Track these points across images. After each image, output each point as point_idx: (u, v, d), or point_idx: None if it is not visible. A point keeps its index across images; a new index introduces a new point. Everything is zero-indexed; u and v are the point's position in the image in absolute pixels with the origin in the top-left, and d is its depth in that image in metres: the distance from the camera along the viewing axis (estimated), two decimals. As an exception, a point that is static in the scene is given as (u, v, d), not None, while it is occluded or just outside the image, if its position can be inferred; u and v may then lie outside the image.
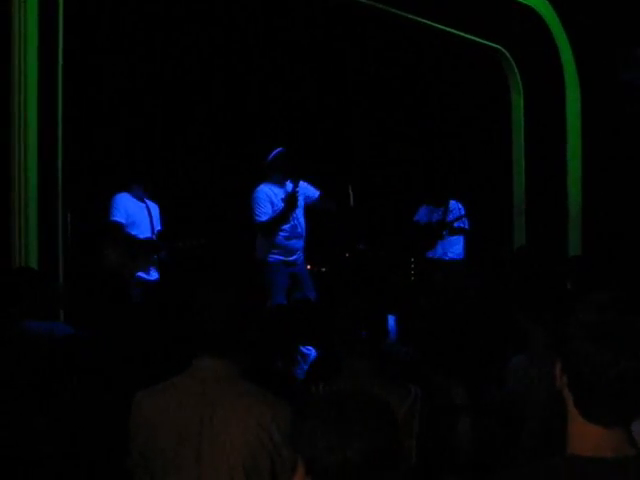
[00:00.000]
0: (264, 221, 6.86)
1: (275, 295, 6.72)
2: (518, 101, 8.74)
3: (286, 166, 6.86)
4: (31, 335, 4.00)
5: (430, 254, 8.04)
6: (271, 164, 6.90)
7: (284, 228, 6.91)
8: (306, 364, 4.98)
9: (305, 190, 7.00)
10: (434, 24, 7.80)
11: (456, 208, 8.10)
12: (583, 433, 1.72)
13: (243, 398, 2.62)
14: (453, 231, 8.03)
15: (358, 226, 7.82)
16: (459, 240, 8.12)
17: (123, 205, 6.54)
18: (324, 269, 8.06)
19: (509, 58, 8.58)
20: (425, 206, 8.24)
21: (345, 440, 1.75)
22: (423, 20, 7.70)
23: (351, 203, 7.16)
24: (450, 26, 7.94)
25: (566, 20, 8.54)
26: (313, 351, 5.27)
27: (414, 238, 8.11)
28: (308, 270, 7.28)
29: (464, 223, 8.10)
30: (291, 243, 6.96)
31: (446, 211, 8.06)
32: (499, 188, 8.81)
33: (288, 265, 6.93)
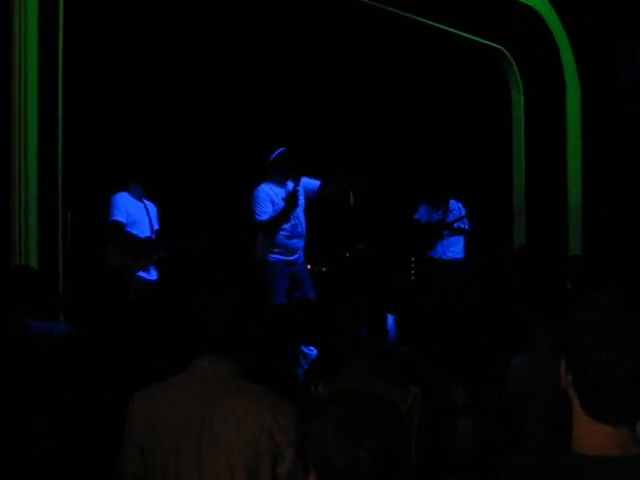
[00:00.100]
0: (264, 220, 6.86)
1: (275, 295, 6.72)
2: (518, 101, 8.74)
3: (288, 166, 6.86)
4: (32, 335, 4.00)
5: (430, 254, 8.04)
6: (273, 164, 6.90)
7: (285, 227, 6.91)
8: (308, 364, 4.97)
9: (305, 184, 6.99)
10: (434, 24, 7.80)
11: (456, 208, 8.10)
12: (588, 432, 1.72)
13: (243, 398, 2.62)
14: (453, 231, 8.03)
15: (358, 226, 7.82)
16: (459, 240, 8.12)
17: (123, 204, 6.52)
18: (324, 269, 8.07)
19: (509, 58, 8.58)
20: (426, 204, 8.24)
21: (356, 441, 1.73)
22: (423, 20, 7.70)
23: (351, 203, 7.16)
24: (450, 26, 7.93)
25: (566, 19, 8.53)
26: (315, 351, 5.27)
27: (414, 238, 8.12)
28: (308, 270, 7.28)
29: (464, 223, 8.10)
30: (291, 242, 6.96)
31: (446, 211, 8.06)
32: (499, 187, 8.81)
33: (288, 265, 6.93)
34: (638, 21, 8.35)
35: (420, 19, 7.67)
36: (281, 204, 6.86)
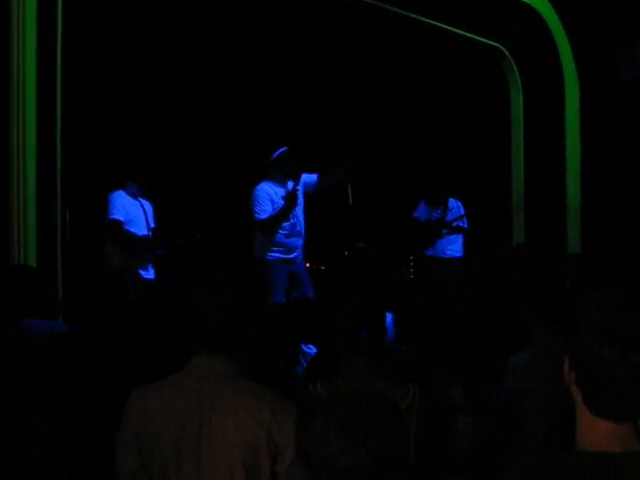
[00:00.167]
0: (264, 219, 6.86)
1: (274, 293, 6.72)
2: (517, 99, 8.75)
3: (290, 165, 6.87)
4: (30, 334, 4.00)
5: (429, 252, 8.05)
6: (275, 162, 6.91)
7: (284, 226, 6.92)
8: (307, 363, 4.97)
9: (304, 180, 6.99)
10: (434, 23, 7.81)
11: (455, 206, 8.11)
12: (591, 429, 1.73)
13: (242, 396, 2.61)
14: (452, 230, 8.03)
15: (357, 224, 7.82)
16: (457, 238, 8.12)
17: (121, 203, 6.52)
18: (323, 267, 8.07)
19: (509, 56, 8.58)
20: (425, 203, 8.24)
21: (358, 441, 1.73)
22: (423, 19, 7.71)
23: (350, 201, 7.16)
24: (450, 25, 7.94)
25: (566, 19, 8.54)
26: (314, 349, 5.27)
27: (413, 236, 8.12)
28: (307, 268, 7.28)
29: (463, 222, 8.10)
30: (290, 241, 6.97)
31: (445, 210, 8.07)
32: (498, 186, 8.82)
33: (287, 263, 6.94)
34: (637, 20, 8.35)
35: (419, 18, 7.68)
36: (281, 203, 6.87)
